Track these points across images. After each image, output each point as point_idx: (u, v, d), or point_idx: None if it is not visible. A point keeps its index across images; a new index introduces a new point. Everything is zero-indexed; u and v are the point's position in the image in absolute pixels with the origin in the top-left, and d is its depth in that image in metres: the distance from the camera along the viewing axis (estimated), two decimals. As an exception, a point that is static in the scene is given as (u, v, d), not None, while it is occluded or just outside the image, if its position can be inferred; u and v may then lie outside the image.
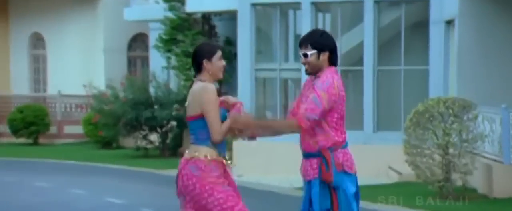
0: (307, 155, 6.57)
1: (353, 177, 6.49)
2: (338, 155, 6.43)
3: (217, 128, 6.53)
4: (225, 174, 6.69)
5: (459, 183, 14.73)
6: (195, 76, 6.79)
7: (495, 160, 14.97)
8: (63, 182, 18.42)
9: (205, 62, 6.68)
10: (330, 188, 6.40)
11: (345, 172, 6.42)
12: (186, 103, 6.76)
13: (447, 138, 14.50)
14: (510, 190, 14.41)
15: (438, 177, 14.63)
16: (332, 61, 6.55)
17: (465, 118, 14.69)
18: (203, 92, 6.59)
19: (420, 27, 19.48)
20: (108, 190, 16.75)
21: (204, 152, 6.59)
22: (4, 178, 19.48)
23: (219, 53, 6.72)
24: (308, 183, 6.55)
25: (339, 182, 6.38)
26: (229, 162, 6.72)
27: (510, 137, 14.56)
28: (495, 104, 15.33)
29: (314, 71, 6.57)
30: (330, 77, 6.41)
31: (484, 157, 15.26)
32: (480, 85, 17.13)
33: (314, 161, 6.49)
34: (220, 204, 6.52)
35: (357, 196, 6.50)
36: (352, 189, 6.44)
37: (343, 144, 6.48)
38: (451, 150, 14.58)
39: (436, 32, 18.86)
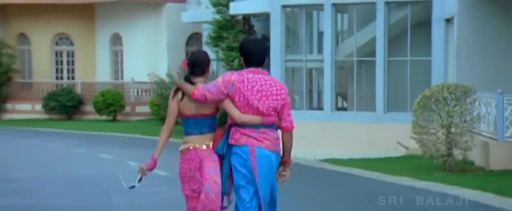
0: None
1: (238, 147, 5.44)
2: (232, 129, 5.48)
3: None
4: None
5: (460, 157, 13.27)
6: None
7: (491, 138, 13.58)
8: (123, 154, 16.78)
9: None
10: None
11: (231, 144, 5.49)
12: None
13: (450, 119, 12.98)
14: (504, 163, 13.28)
15: (442, 153, 13.15)
16: (247, 63, 5.44)
17: (465, 101, 13.18)
18: None
19: (423, 24, 18.02)
20: (158, 163, 14.71)
21: None
22: (76, 150, 18.09)
23: None
24: None
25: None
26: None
27: (504, 118, 13.12)
28: (490, 90, 13.93)
29: None
30: (229, 73, 5.44)
31: (482, 135, 13.82)
32: (475, 74, 15.63)
33: None
34: None
35: (242, 164, 5.42)
36: (235, 160, 5.47)
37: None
38: (453, 129, 13.08)
39: (437, 28, 17.37)
